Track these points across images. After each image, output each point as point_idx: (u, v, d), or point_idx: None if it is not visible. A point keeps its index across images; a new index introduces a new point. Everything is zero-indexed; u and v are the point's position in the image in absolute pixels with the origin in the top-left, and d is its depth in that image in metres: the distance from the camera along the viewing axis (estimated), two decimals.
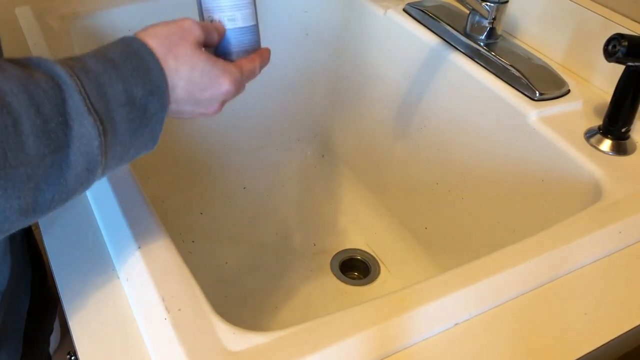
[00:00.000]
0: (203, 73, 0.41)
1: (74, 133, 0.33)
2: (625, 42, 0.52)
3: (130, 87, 0.36)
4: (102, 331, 0.40)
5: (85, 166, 0.34)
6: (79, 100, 0.33)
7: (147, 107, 0.37)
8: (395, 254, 0.83)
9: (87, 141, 0.34)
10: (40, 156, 0.32)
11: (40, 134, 0.32)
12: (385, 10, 0.82)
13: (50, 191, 0.33)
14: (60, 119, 0.33)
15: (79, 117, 0.33)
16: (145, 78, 0.37)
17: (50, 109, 0.32)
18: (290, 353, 0.38)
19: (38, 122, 0.31)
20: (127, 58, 0.37)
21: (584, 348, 0.41)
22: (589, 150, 0.59)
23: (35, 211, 0.33)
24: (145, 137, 0.38)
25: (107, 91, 0.35)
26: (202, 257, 0.82)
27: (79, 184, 0.34)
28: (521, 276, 0.45)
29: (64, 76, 0.33)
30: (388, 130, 0.86)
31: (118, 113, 0.36)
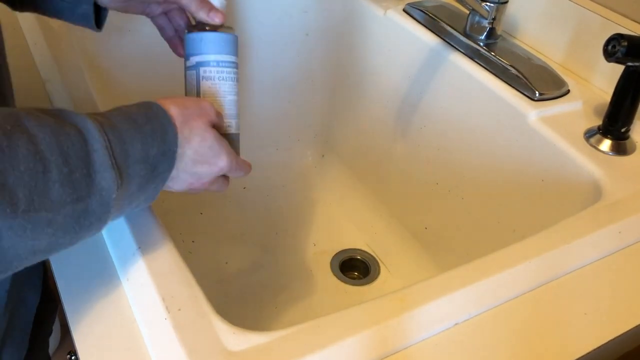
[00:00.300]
0: (210, 147, 0.44)
1: (96, 184, 0.35)
2: (625, 42, 0.53)
3: (147, 147, 0.39)
4: (102, 331, 0.40)
5: (98, 216, 0.36)
6: (105, 155, 0.36)
7: (157, 165, 0.40)
8: (395, 254, 0.83)
9: (106, 193, 0.36)
10: (62, 203, 0.33)
11: (66, 183, 0.33)
12: (385, 11, 0.82)
13: (64, 237, 0.35)
14: (85, 170, 0.35)
15: (102, 170, 0.35)
16: (161, 139, 0.40)
17: (76, 160, 0.34)
18: (290, 353, 0.38)
19: (65, 170, 0.33)
20: (148, 120, 0.40)
21: (584, 348, 0.42)
22: (589, 150, 0.59)
23: (44, 253, 0.35)
24: (148, 193, 0.41)
25: (129, 148, 0.38)
26: (202, 257, 0.82)
27: (89, 232, 0.37)
28: (521, 276, 0.45)
29: (92, 130, 0.36)
30: (388, 130, 0.86)
31: (133, 169, 0.38)
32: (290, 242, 0.86)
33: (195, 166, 0.44)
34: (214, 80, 0.50)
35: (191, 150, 0.43)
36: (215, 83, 0.50)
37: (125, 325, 0.41)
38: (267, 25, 0.88)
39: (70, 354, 0.68)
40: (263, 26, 0.88)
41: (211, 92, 0.50)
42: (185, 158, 0.43)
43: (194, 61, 0.50)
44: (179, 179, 0.44)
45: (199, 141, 0.43)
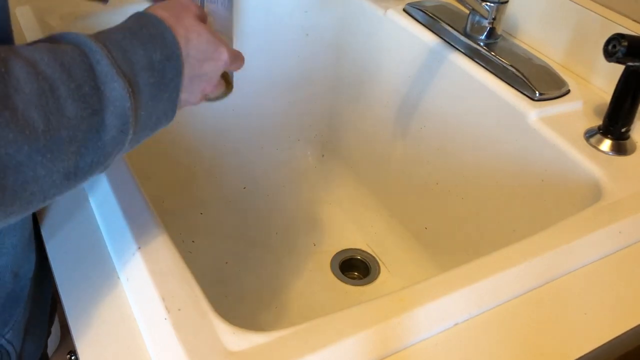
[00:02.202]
0: (208, 41, 0.43)
1: (107, 96, 0.34)
2: (625, 42, 0.52)
3: (149, 52, 0.38)
4: (102, 331, 0.40)
5: (119, 128, 0.35)
6: (107, 64, 0.35)
7: (164, 72, 0.39)
8: (395, 254, 0.83)
9: (119, 103, 0.35)
10: (79, 119, 0.33)
11: (77, 97, 0.33)
12: (385, 10, 0.82)
13: (89, 154, 0.34)
14: (92, 83, 0.34)
15: (109, 80, 0.34)
16: (161, 43, 0.39)
17: (81, 74, 0.33)
18: (290, 353, 0.38)
19: (72, 86, 0.33)
20: (143, 26, 0.39)
21: (584, 348, 0.42)
22: (589, 150, 0.59)
23: (77, 175, 0.34)
24: (165, 104, 0.40)
25: (131, 56, 0.36)
26: (202, 257, 0.82)
27: (114, 146, 0.36)
28: (521, 276, 0.45)
29: (89, 43, 0.35)
30: (388, 130, 0.86)
31: (141, 77, 0.37)
32: (290, 242, 0.86)
33: (202, 66, 0.43)
34: (217, 4, 0.54)
35: (194, 50, 0.41)
36: (217, 8, 0.54)
37: (125, 325, 0.41)
38: (268, 25, 0.88)
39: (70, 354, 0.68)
40: (263, 26, 0.88)
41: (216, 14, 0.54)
42: (190, 59, 0.41)
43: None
44: (191, 86, 0.43)
45: (196, 37, 0.42)
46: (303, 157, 0.99)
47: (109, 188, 0.49)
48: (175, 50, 0.40)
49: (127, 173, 0.51)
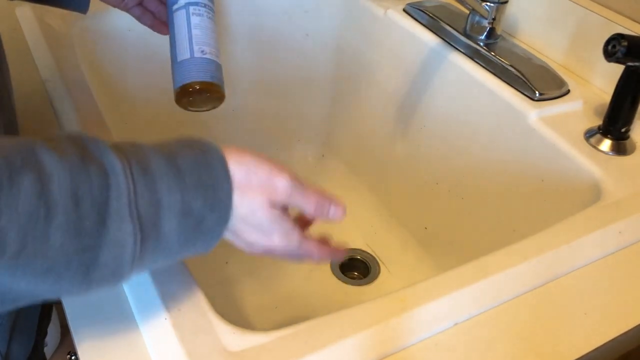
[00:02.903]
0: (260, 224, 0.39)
1: (110, 235, 0.32)
2: (625, 42, 0.52)
3: (189, 198, 0.34)
4: (102, 331, 0.40)
5: (112, 270, 0.33)
6: (125, 204, 0.32)
7: (203, 219, 0.35)
8: (395, 254, 0.83)
9: (120, 247, 0.32)
10: (64, 253, 0.30)
11: (71, 230, 0.30)
12: (385, 10, 0.82)
13: (71, 287, 0.32)
14: (98, 219, 0.31)
15: (120, 221, 0.32)
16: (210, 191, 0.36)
17: (90, 207, 0.31)
18: (290, 353, 0.38)
19: (73, 217, 0.30)
20: (197, 167, 0.36)
21: (584, 348, 0.42)
22: (589, 150, 0.59)
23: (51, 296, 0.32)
24: (197, 247, 0.37)
25: (162, 198, 0.34)
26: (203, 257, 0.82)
27: (101, 285, 0.33)
28: (521, 276, 0.45)
29: (119, 174, 0.32)
30: (388, 130, 0.86)
31: (168, 222, 0.34)
32: None
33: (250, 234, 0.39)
34: (202, 17, 0.54)
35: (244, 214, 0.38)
36: (203, 19, 0.54)
37: (125, 325, 0.41)
38: (267, 25, 0.88)
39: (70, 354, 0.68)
40: (263, 26, 0.88)
41: (201, 26, 0.54)
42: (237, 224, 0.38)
43: (183, 2, 0.54)
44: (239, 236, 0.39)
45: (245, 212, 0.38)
46: (303, 157, 0.99)
47: None
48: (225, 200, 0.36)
49: None
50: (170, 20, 0.55)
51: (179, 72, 0.53)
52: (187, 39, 0.53)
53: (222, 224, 0.37)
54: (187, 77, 0.52)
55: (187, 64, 0.53)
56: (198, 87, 0.52)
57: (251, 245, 0.40)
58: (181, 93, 0.53)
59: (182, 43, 0.53)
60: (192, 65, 0.53)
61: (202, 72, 0.53)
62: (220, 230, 0.37)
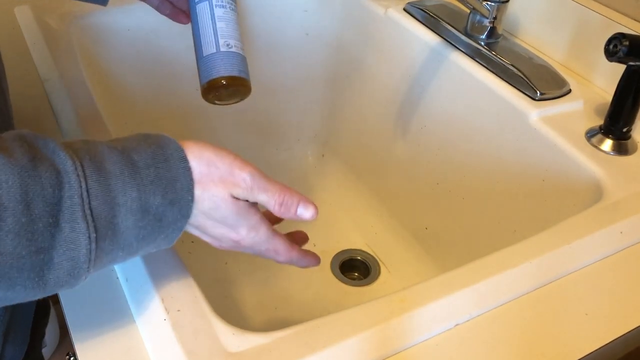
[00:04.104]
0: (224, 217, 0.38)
1: (63, 236, 0.31)
2: (627, 42, 0.52)
3: (147, 195, 0.34)
4: (102, 332, 0.40)
5: (68, 271, 0.32)
6: (77, 204, 0.31)
7: (163, 216, 0.35)
8: (395, 254, 0.83)
9: (74, 247, 0.31)
10: (17, 256, 0.30)
11: (22, 233, 0.29)
12: (386, 10, 0.82)
13: (23, 291, 0.31)
14: (51, 220, 0.31)
15: (72, 221, 0.31)
16: (169, 187, 0.35)
17: (42, 208, 0.30)
18: (290, 353, 0.38)
19: (23, 220, 0.29)
20: (154, 162, 0.35)
21: (585, 349, 0.41)
22: (590, 150, 0.59)
23: (7, 301, 0.32)
24: (159, 242, 0.36)
25: (117, 196, 0.33)
26: (202, 257, 0.82)
27: (58, 286, 0.32)
28: (522, 276, 0.45)
29: (70, 173, 0.31)
30: (388, 130, 0.86)
31: (125, 220, 0.33)
32: None
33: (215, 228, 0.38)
34: (225, 8, 0.53)
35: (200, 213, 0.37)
36: (227, 11, 0.53)
37: (124, 325, 0.41)
38: (267, 25, 0.88)
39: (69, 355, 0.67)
40: (263, 26, 0.88)
41: (224, 18, 0.53)
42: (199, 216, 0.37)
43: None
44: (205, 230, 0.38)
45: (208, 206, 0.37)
46: (303, 157, 0.99)
47: None
48: (185, 195, 0.36)
49: None
50: (193, 13, 0.54)
51: (205, 67, 0.52)
52: (212, 32, 0.52)
53: (184, 218, 0.36)
54: (214, 72, 0.52)
55: (214, 59, 0.52)
56: (225, 82, 0.52)
57: (219, 240, 0.40)
58: (208, 88, 0.52)
59: (207, 37, 0.52)
60: (218, 59, 0.52)
61: (229, 67, 0.52)
62: (181, 225, 0.36)
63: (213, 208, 0.37)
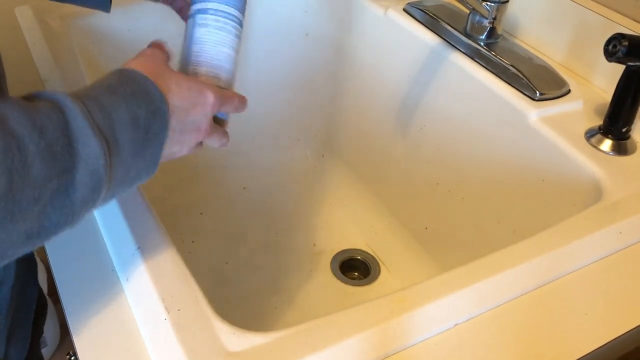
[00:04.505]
0: (189, 88, 0.42)
1: (80, 154, 0.33)
2: (626, 42, 0.52)
3: (133, 107, 0.37)
4: (102, 331, 0.40)
5: (91, 187, 0.34)
6: (83, 121, 0.34)
7: (149, 128, 0.38)
8: (395, 254, 0.83)
9: (93, 162, 0.34)
10: (47, 178, 0.32)
11: (46, 156, 0.32)
12: (385, 10, 0.82)
13: (56, 214, 0.33)
14: (65, 141, 0.33)
15: (84, 138, 0.33)
16: (147, 100, 0.38)
17: (53, 133, 0.32)
18: (290, 353, 0.38)
19: (42, 144, 0.32)
20: (124, 83, 0.38)
21: (584, 348, 0.41)
22: (590, 150, 0.59)
23: (40, 235, 0.33)
24: (147, 159, 0.39)
25: (111, 112, 0.36)
26: (202, 257, 0.82)
27: (84, 205, 0.35)
28: (521, 276, 0.45)
29: (66, 100, 0.34)
30: (388, 130, 0.86)
31: (122, 134, 0.36)
32: (290, 242, 0.86)
33: (189, 114, 0.42)
34: (208, 28, 0.47)
35: (178, 100, 0.41)
36: (209, 31, 0.47)
37: (124, 325, 0.41)
38: (267, 25, 0.88)
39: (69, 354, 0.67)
40: (263, 26, 0.88)
41: (202, 40, 0.47)
42: (176, 110, 0.41)
43: (194, 9, 0.48)
44: (181, 137, 0.42)
45: (176, 87, 0.41)
46: (303, 157, 0.99)
47: None
48: (161, 105, 0.39)
49: None
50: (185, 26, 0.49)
51: None
52: (186, 53, 0.48)
53: (164, 130, 0.39)
54: None
55: None
56: None
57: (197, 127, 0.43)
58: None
59: (182, 57, 0.48)
60: None
61: None
62: (162, 137, 0.39)
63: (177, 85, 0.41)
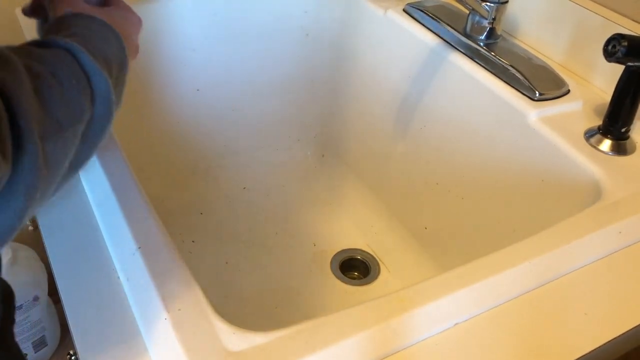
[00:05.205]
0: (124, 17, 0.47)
1: (96, 91, 0.37)
2: (625, 42, 0.52)
3: (113, 48, 0.41)
4: (102, 331, 0.40)
5: (106, 117, 0.38)
6: (91, 61, 0.37)
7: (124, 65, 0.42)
8: (395, 254, 0.83)
9: (105, 94, 0.37)
10: (84, 111, 0.35)
11: (81, 91, 0.35)
12: (385, 11, 0.82)
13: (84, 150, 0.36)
14: (86, 78, 0.36)
15: (95, 75, 0.37)
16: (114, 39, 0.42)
17: (77, 72, 0.36)
18: (290, 353, 0.38)
19: (73, 82, 0.35)
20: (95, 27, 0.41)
21: (584, 348, 0.42)
22: (589, 150, 0.59)
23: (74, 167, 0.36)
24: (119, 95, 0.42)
25: (105, 53, 0.39)
26: (202, 257, 0.82)
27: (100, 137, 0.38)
28: (521, 276, 0.45)
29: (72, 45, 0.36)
30: (388, 130, 0.86)
31: (114, 71, 0.40)
32: (290, 242, 0.86)
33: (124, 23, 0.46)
34: None
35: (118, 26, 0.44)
36: None
37: (125, 325, 0.41)
38: (268, 26, 0.88)
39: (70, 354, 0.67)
40: (263, 26, 0.88)
41: None
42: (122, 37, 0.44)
43: None
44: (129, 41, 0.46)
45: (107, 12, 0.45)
46: (303, 157, 0.99)
47: (109, 188, 0.49)
48: (121, 42, 0.42)
49: (127, 173, 0.51)
50: None
51: None
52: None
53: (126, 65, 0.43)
54: None
55: None
56: None
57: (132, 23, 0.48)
58: None
59: None
60: None
61: None
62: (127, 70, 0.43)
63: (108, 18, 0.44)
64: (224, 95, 0.89)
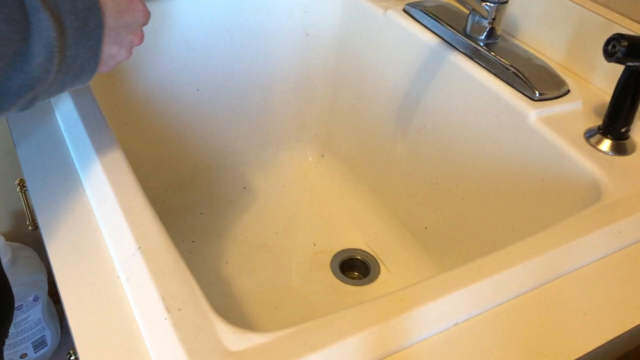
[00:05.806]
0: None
1: (34, 26, 0.37)
2: (625, 42, 0.52)
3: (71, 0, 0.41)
4: (102, 331, 0.40)
5: (45, 56, 0.38)
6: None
7: (87, 20, 0.42)
8: (395, 254, 0.83)
9: (46, 33, 0.38)
10: (10, 40, 0.36)
11: (9, 20, 0.36)
12: (385, 10, 0.82)
13: (17, 77, 0.37)
14: (22, 13, 0.36)
15: (37, 12, 0.37)
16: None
17: (12, 4, 0.36)
18: (290, 353, 0.38)
19: (5, 11, 0.35)
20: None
21: (584, 348, 0.42)
22: (589, 150, 0.59)
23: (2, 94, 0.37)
24: (88, 52, 0.43)
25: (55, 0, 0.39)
26: (202, 257, 0.82)
27: (42, 71, 0.39)
28: (521, 276, 0.45)
29: None
30: (388, 130, 0.86)
31: (66, 19, 0.40)
32: (290, 242, 0.86)
33: (122, 17, 0.46)
34: None
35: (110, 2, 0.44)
36: None
37: (125, 325, 0.41)
38: (267, 25, 0.88)
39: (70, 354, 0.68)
40: (263, 26, 0.88)
41: None
42: (108, 10, 0.44)
43: None
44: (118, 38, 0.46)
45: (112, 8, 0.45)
46: (303, 157, 0.99)
47: (109, 188, 0.49)
48: (95, 3, 0.42)
49: (127, 173, 0.51)
50: None
51: None
52: None
53: (101, 24, 0.43)
54: None
55: None
56: None
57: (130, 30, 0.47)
58: None
59: None
60: None
61: None
62: (101, 30, 0.43)
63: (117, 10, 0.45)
64: (224, 95, 0.89)
